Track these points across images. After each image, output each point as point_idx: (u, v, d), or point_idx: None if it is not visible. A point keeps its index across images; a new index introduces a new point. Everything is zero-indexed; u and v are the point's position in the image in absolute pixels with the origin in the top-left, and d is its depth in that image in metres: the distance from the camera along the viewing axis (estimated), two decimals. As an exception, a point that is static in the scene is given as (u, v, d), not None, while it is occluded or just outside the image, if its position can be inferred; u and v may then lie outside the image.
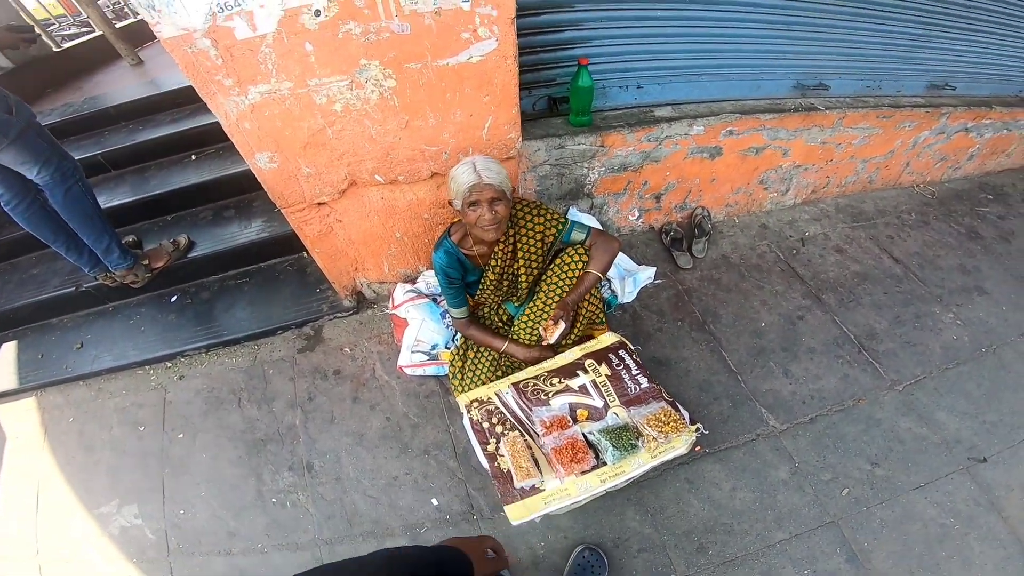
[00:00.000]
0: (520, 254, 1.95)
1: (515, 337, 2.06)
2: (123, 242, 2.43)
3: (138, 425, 2.26)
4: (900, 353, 2.42)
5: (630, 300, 2.50)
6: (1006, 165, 3.58)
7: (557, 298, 1.96)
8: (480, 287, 2.07)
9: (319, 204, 2.04)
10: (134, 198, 2.84)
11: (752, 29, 2.35)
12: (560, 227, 1.92)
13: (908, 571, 1.85)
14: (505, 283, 2.05)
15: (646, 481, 1.98)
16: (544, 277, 1.98)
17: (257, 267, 2.76)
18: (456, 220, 2.01)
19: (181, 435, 2.21)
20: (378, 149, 1.89)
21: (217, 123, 2.51)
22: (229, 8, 1.43)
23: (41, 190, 2.21)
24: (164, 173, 3.00)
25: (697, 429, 1.79)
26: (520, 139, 2.07)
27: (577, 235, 1.94)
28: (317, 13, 1.50)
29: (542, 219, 1.91)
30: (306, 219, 2.09)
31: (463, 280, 2.01)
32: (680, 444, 1.77)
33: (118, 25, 4.44)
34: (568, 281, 1.94)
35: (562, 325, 1.88)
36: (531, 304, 2.03)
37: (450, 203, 1.78)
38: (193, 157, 3.07)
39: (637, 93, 2.44)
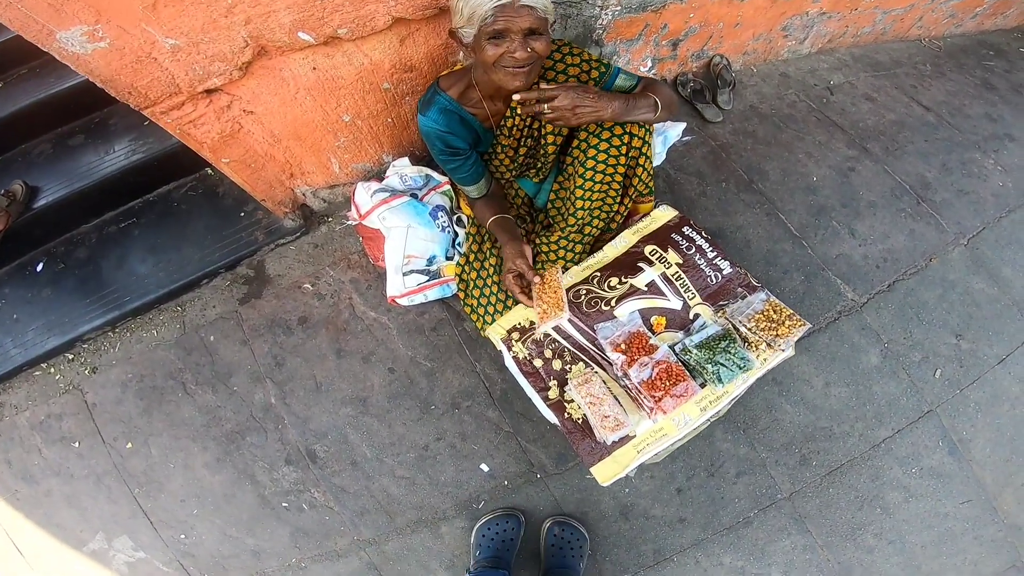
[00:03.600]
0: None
1: (544, 246, 1.62)
2: None
3: (70, 441, 1.91)
4: (956, 203, 2.33)
5: (660, 162, 2.20)
6: (1000, 26, 3.70)
7: (601, 175, 1.48)
8: (486, 161, 1.66)
9: (207, 92, 1.50)
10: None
11: None
12: (603, 70, 1.44)
13: (1004, 459, 1.87)
14: (523, 151, 1.61)
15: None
16: (578, 141, 1.50)
17: (144, 200, 2.23)
18: (448, 71, 1.52)
19: (129, 444, 1.89)
20: None
21: (19, 37, 1.75)
22: None
23: None
24: (-39, 111, 2.33)
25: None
26: None
27: (624, 82, 1.47)
28: None
29: (577, 59, 1.44)
30: (191, 118, 1.53)
31: (474, 148, 1.55)
32: (790, 347, 1.45)
33: None
34: (616, 152, 1.46)
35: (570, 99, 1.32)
36: (563, 180, 1.59)
37: (452, 33, 1.30)
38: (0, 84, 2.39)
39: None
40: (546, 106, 1.33)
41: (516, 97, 1.33)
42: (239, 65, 1.44)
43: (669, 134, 2.08)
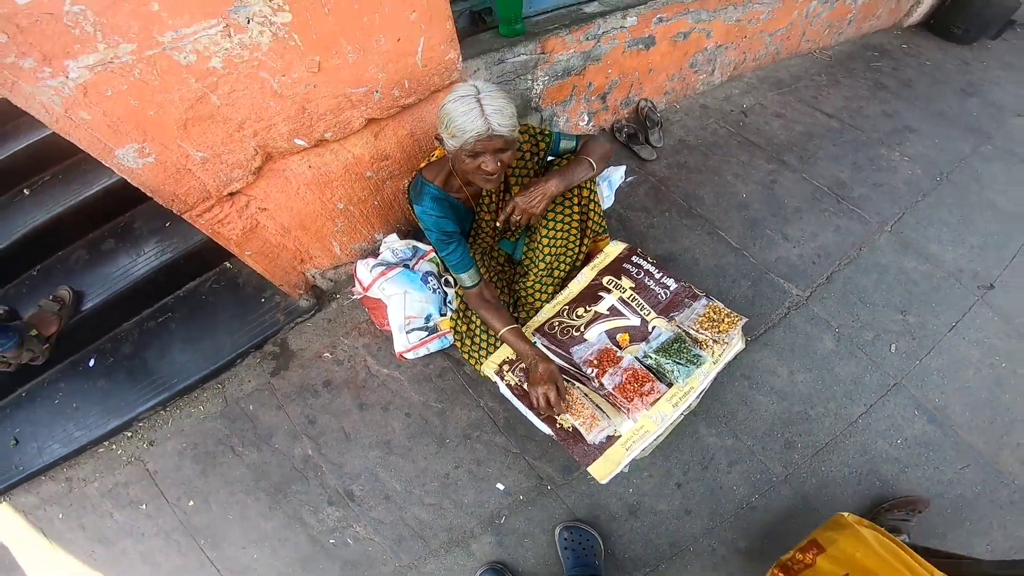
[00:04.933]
0: (514, 180, 1.69)
1: (528, 293, 1.84)
2: None
3: (138, 504, 1.99)
4: (872, 196, 2.53)
5: (610, 204, 2.40)
6: (876, 27, 3.96)
7: (561, 224, 1.73)
8: (473, 232, 1.82)
9: (230, 195, 1.65)
10: (-24, 260, 2.22)
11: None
12: (549, 140, 1.70)
13: (988, 421, 1.93)
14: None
15: (706, 391, 1.82)
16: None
17: (175, 296, 2.34)
18: (427, 162, 1.71)
19: (191, 503, 1.97)
20: (289, 106, 1.51)
21: (38, 142, 1.95)
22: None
23: None
24: (-2, 221, 2.37)
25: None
26: (460, 59, 1.78)
27: (567, 144, 1.71)
28: (143, -58, 1.06)
29: (527, 136, 1.67)
30: (220, 218, 1.68)
31: (462, 231, 1.71)
32: (738, 340, 1.67)
33: None
34: (570, 204, 1.71)
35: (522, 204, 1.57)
36: (532, 234, 1.78)
37: (437, 137, 1.48)
38: (26, 192, 2.43)
39: (561, -9, 2.23)
40: (515, 216, 1.56)
41: (498, 224, 1.58)
42: (253, 170, 1.61)
43: (613, 178, 2.29)
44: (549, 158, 1.75)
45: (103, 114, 1.26)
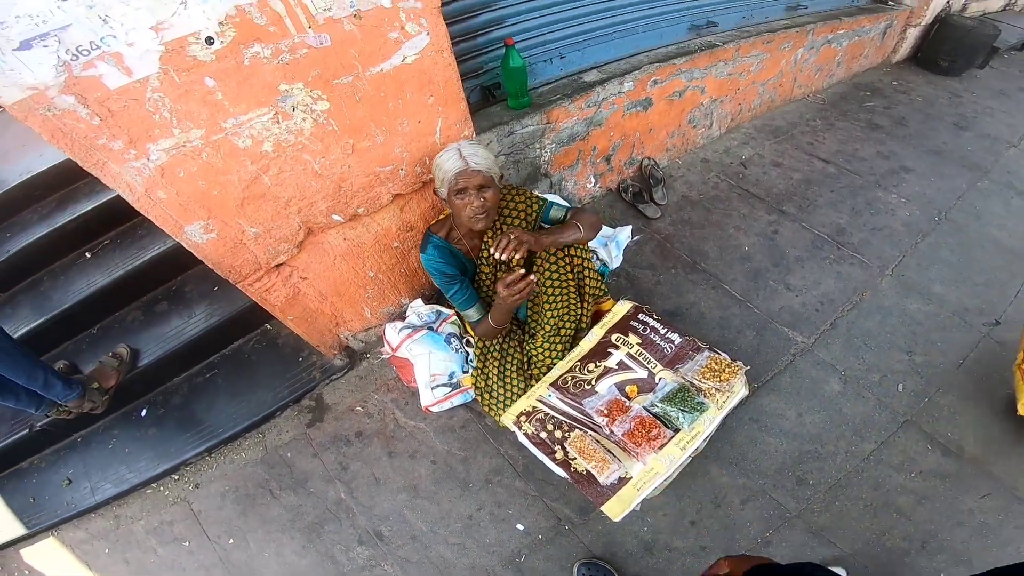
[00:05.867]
0: None
1: (537, 353, 1.97)
2: (57, 370, 2.10)
3: (181, 541, 2.08)
4: (872, 240, 2.58)
5: (619, 264, 2.49)
6: (866, 65, 4.09)
7: (558, 288, 1.88)
8: (476, 284, 1.98)
9: (277, 266, 1.82)
10: (42, 319, 2.41)
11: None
12: (541, 204, 1.89)
13: (1005, 452, 1.93)
14: (500, 274, 1.95)
15: (715, 435, 1.89)
16: (536, 265, 1.89)
17: (221, 355, 2.50)
18: (436, 220, 1.93)
19: (231, 540, 2.04)
20: (328, 185, 1.70)
21: (101, 207, 2.12)
22: (84, 53, 1.13)
23: None
24: (62, 282, 2.54)
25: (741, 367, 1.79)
26: (474, 134, 1.98)
27: (557, 212, 1.90)
28: (209, 41, 1.25)
29: (523, 198, 1.87)
30: (267, 287, 1.85)
31: (463, 275, 1.90)
32: (740, 387, 1.77)
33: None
34: (566, 269, 1.87)
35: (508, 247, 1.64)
36: (534, 297, 1.94)
37: (435, 192, 1.73)
38: (88, 255, 2.61)
39: (561, 63, 2.43)
40: (512, 236, 1.61)
41: (497, 256, 1.61)
42: (296, 243, 1.77)
43: (620, 239, 2.41)
44: (543, 225, 1.91)
45: (176, 193, 1.44)
